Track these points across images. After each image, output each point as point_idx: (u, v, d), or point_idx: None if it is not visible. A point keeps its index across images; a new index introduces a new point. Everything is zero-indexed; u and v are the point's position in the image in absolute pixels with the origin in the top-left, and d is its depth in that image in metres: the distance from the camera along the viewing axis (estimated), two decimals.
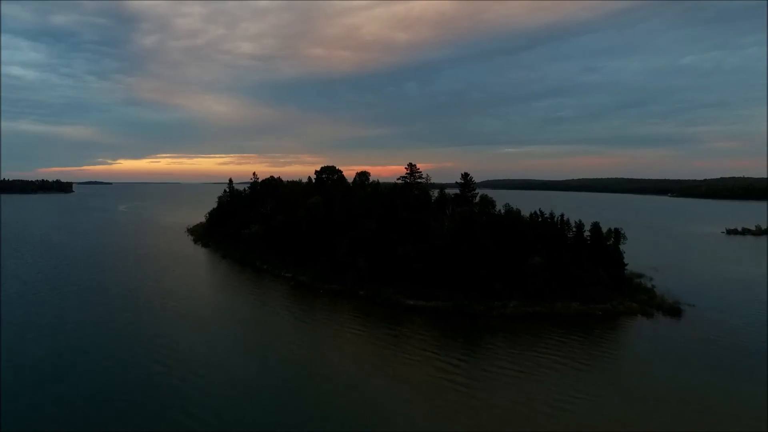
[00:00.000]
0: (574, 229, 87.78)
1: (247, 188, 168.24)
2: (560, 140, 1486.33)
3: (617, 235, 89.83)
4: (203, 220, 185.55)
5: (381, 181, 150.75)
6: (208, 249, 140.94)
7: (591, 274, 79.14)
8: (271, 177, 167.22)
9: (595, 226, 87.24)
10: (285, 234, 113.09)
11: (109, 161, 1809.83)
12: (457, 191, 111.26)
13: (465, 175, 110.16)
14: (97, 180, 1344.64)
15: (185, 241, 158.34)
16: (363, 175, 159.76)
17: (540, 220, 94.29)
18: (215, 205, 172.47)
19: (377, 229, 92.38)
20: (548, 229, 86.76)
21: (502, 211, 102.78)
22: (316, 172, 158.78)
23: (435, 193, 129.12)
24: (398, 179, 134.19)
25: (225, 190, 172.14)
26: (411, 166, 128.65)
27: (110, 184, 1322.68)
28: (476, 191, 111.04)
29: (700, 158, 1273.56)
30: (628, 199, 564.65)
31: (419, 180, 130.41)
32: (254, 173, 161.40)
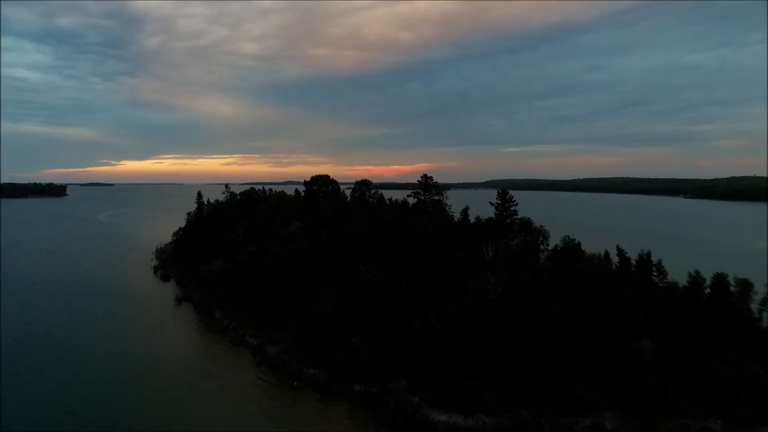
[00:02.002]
0: (686, 283, 57.06)
1: (222, 200, 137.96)
2: (564, 139, 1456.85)
3: (746, 288, 58.80)
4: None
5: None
6: (167, 283, 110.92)
7: (733, 366, 48.55)
8: (252, 189, 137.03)
9: (719, 280, 56.19)
10: (255, 274, 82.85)
11: (113, 162, 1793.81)
12: (476, 195, 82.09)
13: (503, 194, 79.92)
14: (101, 181, 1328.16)
15: (146, 268, 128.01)
16: (364, 185, 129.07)
17: (618, 265, 64.05)
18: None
19: (380, 281, 61.97)
20: (648, 288, 55.78)
21: (559, 246, 72.50)
22: (306, 183, 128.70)
23: (448, 204, 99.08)
24: (409, 195, 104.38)
25: (206, 201, 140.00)
26: (425, 178, 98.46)
27: (112, 185, 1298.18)
28: (517, 213, 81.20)
29: (704, 157, 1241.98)
30: (642, 201, 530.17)
31: (435, 197, 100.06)
32: (227, 185, 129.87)
